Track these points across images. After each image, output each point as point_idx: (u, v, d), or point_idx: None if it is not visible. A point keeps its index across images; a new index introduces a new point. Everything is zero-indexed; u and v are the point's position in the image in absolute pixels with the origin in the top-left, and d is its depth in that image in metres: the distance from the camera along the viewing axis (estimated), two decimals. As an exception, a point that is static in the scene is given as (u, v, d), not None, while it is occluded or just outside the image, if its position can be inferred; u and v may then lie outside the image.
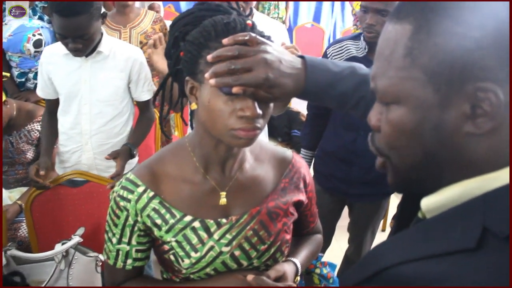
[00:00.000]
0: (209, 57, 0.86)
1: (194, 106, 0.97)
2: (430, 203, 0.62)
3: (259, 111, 0.89)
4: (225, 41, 0.86)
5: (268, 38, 0.92)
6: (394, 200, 3.01)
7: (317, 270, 1.89)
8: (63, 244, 1.79)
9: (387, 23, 0.64)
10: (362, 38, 1.98)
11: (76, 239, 1.80)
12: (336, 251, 2.81)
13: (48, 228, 2.06)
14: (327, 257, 2.38)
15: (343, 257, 2.53)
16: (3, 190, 2.42)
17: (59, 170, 2.21)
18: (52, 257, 1.77)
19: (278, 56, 0.86)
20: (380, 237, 2.53)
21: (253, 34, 0.87)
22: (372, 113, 0.68)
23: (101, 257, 1.81)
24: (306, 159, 2.27)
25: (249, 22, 0.92)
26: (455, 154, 0.58)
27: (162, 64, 1.56)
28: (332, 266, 2.02)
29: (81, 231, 1.85)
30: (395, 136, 0.63)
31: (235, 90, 0.85)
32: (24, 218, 2.17)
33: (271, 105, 0.94)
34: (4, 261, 1.74)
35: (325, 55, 2.07)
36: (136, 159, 2.23)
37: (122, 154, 2.00)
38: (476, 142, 0.56)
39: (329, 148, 2.16)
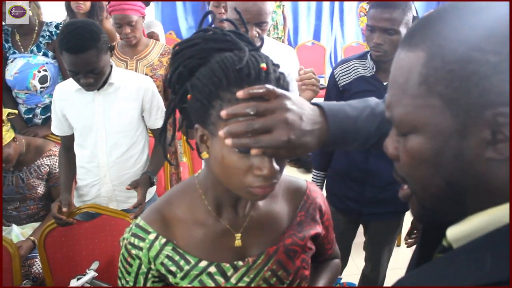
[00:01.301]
0: (223, 114, 0.78)
1: (205, 155, 0.90)
2: (457, 232, 0.60)
3: (277, 168, 0.83)
4: (239, 94, 0.78)
5: (284, 77, 0.85)
6: (408, 213, 2.97)
7: (336, 293, 1.87)
8: (78, 279, 1.77)
9: (399, 50, 0.62)
10: (369, 57, 1.96)
11: (91, 273, 1.79)
12: (353, 269, 2.78)
13: (62, 263, 2.05)
14: (344, 275, 2.36)
15: (360, 276, 2.49)
16: (16, 227, 2.43)
17: (78, 205, 2.20)
18: (68, 293, 1.76)
19: (298, 113, 0.78)
20: (396, 251, 2.49)
21: (270, 87, 0.78)
22: (389, 141, 0.67)
23: (117, 290, 1.79)
24: (318, 180, 2.25)
25: (263, 65, 0.83)
26: (478, 181, 0.57)
27: None
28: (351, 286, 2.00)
29: (95, 265, 1.84)
30: (414, 165, 0.61)
31: (254, 152, 0.77)
32: (37, 254, 2.16)
33: None
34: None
35: (332, 76, 2.06)
36: (154, 187, 2.25)
37: (142, 183, 2.02)
38: (498, 168, 0.55)
39: (340, 168, 2.13)
